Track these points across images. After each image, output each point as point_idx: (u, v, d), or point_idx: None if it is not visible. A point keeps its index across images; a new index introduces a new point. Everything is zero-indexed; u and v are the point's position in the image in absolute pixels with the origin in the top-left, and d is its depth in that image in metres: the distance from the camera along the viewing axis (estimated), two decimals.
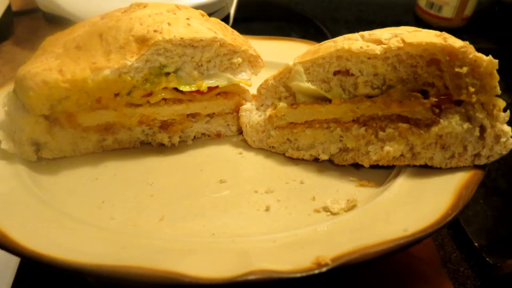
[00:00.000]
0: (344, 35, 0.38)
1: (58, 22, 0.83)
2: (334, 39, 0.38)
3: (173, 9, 0.42)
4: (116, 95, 0.37)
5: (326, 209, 0.37)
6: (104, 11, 0.75)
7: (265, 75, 0.45)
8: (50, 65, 0.36)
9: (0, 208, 0.35)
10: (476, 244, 0.59)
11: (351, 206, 0.36)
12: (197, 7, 0.76)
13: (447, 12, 1.02)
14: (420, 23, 1.05)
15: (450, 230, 0.62)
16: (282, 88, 0.39)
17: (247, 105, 0.42)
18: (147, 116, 0.39)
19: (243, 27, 0.98)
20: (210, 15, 0.79)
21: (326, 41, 0.40)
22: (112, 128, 0.39)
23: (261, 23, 1.02)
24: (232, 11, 0.84)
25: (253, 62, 0.43)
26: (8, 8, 0.84)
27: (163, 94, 0.39)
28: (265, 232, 0.35)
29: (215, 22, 0.44)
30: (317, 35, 0.96)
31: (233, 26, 0.85)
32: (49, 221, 0.35)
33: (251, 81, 0.44)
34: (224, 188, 0.40)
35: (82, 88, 0.35)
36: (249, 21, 1.01)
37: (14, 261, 0.58)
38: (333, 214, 0.36)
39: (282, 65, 0.46)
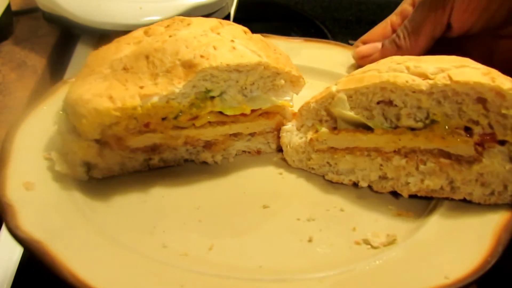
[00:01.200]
0: (388, 63, 0.38)
1: (58, 22, 0.83)
2: (378, 66, 0.39)
3: (217, 27, 0.42)
4: (163, 119, 0.39)
5: (366, 241, 0.38)
6: (104, 11, 0.75)
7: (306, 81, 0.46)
8: (100, 89, 0.37)
9: (59, 236, 0.36)
10: None
11: (391, 241, 0.37)
12: (197, 7, 0.77)
13: None
14: None
15: None
16: (324, 112, 0.40)
17: (288, 126, 0.43)
18: (192, 137, 0.41)
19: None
20: (210, 15, 0.79)
21: (369, 66, 0.40)
22: (158, 149, 0.41)
23: (261, 23, 1.02)
24: (232, 11, 0.84)
25: (295, 82, 0.43)
26: (8, 7, 0.84)
27: (208, 118, 0.40)
28: (309, 267, 0.36)
29: (258, 40, 0.44)
30: (317, 35, 0.96)
31: None
32: (105, 252, 0.36)
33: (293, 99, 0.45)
34: (269, 215, 0.41)
35: (131, 115, 0.36)
36: (249, 21, 1.01)
37: (14, 261, 0.58)
38: (374, 248, 0.37)
39: (321, 71, 0.49)
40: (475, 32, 0.47)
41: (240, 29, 0.45)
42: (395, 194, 0.42)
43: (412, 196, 0.41)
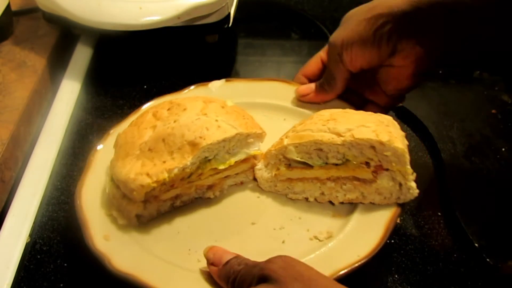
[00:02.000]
0: (317, 124, 0.58)
1: (58, 22, 0.83)
2: (311, 126, 0.58)
3: (204, 108, 0.60)
4: (182, 179, 0.58)
5: (316, 237, 0.57)
6: (104, 11, 0.75)
7: (257, 114, 0.67)
8: (138, 168, 0.55)
9: (141, 267, 0.53)
10: (476, 245, 0.59)
11: (330, 236, 0.56)
12: (197, 7, 0.76)
13: None
14: None
15: (451, 231, 0.62)
16: (281, 156, 0.60)
17: (259, 166, 0.63)
18: (199, 185, 0.60)
19: (243, 27, 0.98)
20: (210, 15, 0.79)
21: (306, 125, 0.59)
22: (179, 196, 0.60)
23: (261, 23, 1.02)
24: (232, 11, 0.84)
25: (260, 137, 0.62)
26: (8, 7, 0.84)
27: (209, 172, 0.60)
28: None
29: (232, 111, 0.62)
30: (317, 35, 0.96)
31: (233, 26, 0.85)
32: (156, 264, 0.54)
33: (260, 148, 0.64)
34: (256, 228, 0.60)
35: (163, 183, 0.55)
36: (249, 21, 1.01)
37: (14, 261, 0.58)
38: (320, 241, 0.56)
39: (273, 105, 0.73)
40: (371, 67, 0.66)
41: (218, 105, 0.62)
42: (331, 203, 0.61)
43: (341, 203, 0.60)
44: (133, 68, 0.89)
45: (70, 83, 0.83)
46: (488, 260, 0.58)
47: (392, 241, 0.61)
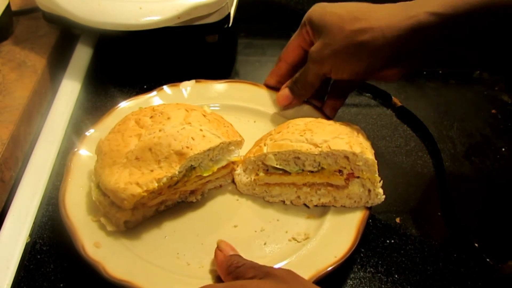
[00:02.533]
0: (295, 135, 0.61)
1: (58, 22, 0.83)
2: (289, 136, 0.61)
3: (187, 116, 0.63)
4: (168, 187, 0.59)
5: (294, 239, 0.60)
6: (104, 11, 0.75)
7: (229, 116, 0.70)
8: (126, 177, 0.57)
9: (133, 272, 0.54)
10: (476, 245, 0.59)
11: (307, 237, 0.60)
12: (197, 7, 0.76)
13: None
14: None
15: (451, 231, 0.62)
16: (260, 163, 0.63)
17: (238, 170, 0.65)
18: (183, 191, 0.62)
19: (243, 27, 0.98)
20: (210, 15, 0.79)
21: (283, 135, 0.62)
22: (164, 201, 0.62)
23: (261, 23, 1.02)
24: (232, 11, 0.84)
25: (239, 144, 0.65)
26: (8, 7, 0.84)
27: (193, 179, 0.62)
28: (268, 262, 0.54)
29: (213, 120, 0.64)
30: None
31: (233, 26, 0.85)
32: (148, 270, 0.56)
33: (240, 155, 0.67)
34: (238, 231, 0.62)
35: (152, 191, 0.57)
36: (249, 21, 1.01)
37: (14, 261, 0.58)
38: (298, 242, 0.59)
39: (246, 108, 0.75)
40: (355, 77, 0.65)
41: (200, 113, 0.64)
42: (306, 206, 0.64)
43: (316, 206, 0.63)
44: (133, 68, 0.88)
45: (70, 83, 0.83)
46: (488, 260, 0.58)
47: (392, 241, 0.61)
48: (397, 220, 0.64)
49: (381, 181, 0.60)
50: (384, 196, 0.60)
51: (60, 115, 0.77)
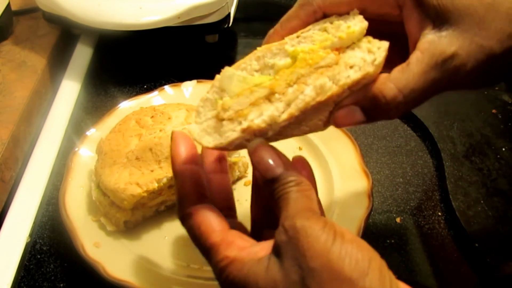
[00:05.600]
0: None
1: (58, 22, 0.83)
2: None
3: (187, 117, 0.62)
4: (168, 187, 0.59)
5: None
6: (104, 11, 0.75)
7: None
8: (126, 177, 0.57)
9: (133, 273, 0.55)
10: (476, 245, 0.59)
11: None
12: (197, 7, 0.76)
13: None
14: None
15: (451, 231, 0.62)
16: (216, 89, 0.43)
17: (192, 126, 0.44)
18: None
19: (243, 27, 0.98)
20: (210, 15, 0.79)
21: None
22: (163, 202, 0.62)
23: (261, 23, 1.02)
24: (232, 11, 0.84)
25: None
26: (8, 7, 0.84)
27: None
28: None
29: None
30: None
31: (233, 26, 0.85)
32: (148, 270, 0.55)
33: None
34: None
35: (152, 191, 0.57)
36: (249, 21, 1.01)
37: (14, 261, 0.58)
38: None
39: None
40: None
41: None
42: None
43: (326, 125, 0.44)
44: (133, 68, 0.88)
45: (70, 83, 0.83)
46: (488, 260, 0.58)
47: (392, 241, 0.61)
48: (397, 220, 0.64)
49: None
50: (387, 42, 0.40)
51: (60, 115, 0.77)
